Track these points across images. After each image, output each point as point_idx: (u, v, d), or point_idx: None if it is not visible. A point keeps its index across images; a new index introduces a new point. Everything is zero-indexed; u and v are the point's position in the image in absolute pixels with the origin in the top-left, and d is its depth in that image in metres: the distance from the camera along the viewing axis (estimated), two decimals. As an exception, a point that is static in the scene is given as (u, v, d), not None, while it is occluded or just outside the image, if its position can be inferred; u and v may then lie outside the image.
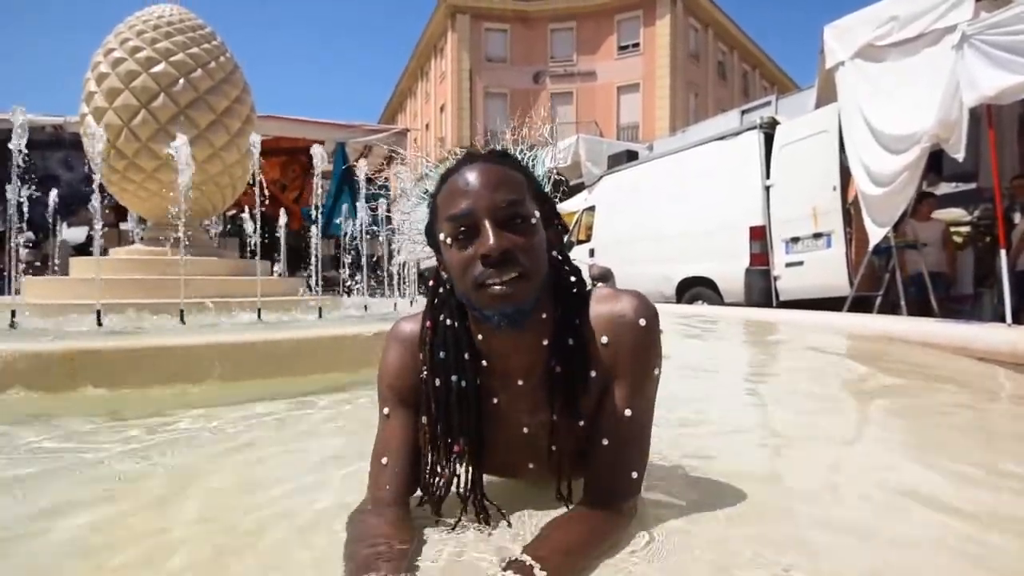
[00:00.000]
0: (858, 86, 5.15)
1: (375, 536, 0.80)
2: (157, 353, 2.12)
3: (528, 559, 0.73)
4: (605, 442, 0.88)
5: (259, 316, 3.70)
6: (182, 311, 3.44)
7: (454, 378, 0.89)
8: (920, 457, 1.46)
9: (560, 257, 0.94)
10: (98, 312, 3.23)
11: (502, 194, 0.84)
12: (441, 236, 0.87)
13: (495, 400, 0.93)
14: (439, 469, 0.91)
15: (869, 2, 5.13)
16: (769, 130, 6.44)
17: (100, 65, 4.09)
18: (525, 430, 0.93)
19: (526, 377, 0.92)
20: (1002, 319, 4.12)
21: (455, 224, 0.84)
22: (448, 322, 0.91)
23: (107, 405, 1.88)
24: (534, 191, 0.90)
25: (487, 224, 0.82)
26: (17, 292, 3.89)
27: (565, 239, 0.98)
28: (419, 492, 0.93)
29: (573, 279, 0.93)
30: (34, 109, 4.53)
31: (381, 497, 0.89)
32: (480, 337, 0.91)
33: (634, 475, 0.89)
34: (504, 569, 0.73)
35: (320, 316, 4.05)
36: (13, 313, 3.24)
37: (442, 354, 0.90)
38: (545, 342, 0.90)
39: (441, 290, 0.93)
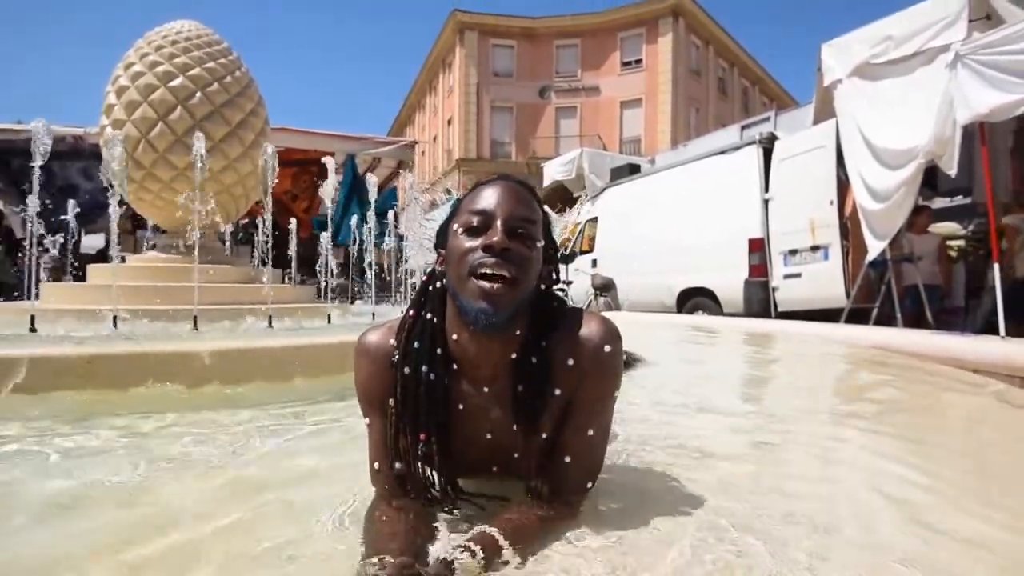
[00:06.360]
0: (856, 103, 5.24)
1: (386, 523, 0.88)
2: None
3: (493, 530, 0.81)
4: (567, 459, 0.94)
5: (270, 323, 3.81)
6: (195, 317, 3.55)
7: (424, 369, 0.93)
8: (914, 469, 1.40)
9: (546, 291, 0.99)
10: (114, 317, 3.34)
11: (521, 210, 0.92)
12: (454, 226, 0.93)
13: (461, 406, 0.96)
14: (402, 456, 0.93)
15: (865, 21, 5.27)
16: (768, 145, 6.53)
17: (120, 78, 4.23)
18: (489, 436, 0.97)
19: (491, 385, 0.96)
20: (992, 331, 4.18)
21: (471, 216, 0.91)
22: (428, 316, 0.96)
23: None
24: (546, 230, 0.98)
25: (499, 224, 0.90)
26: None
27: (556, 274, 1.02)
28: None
29: (555, 305, 0.98)
30: (56, 119, 4.65)
31: (386, 493, 0.96)
32: (455, 338, 0.94)
33: (588, 485, 0.97)
34: (468, 540, 0.79)
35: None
36: (32, 319, 3.35)
37: (416, 344, 0.94)
38: (513, 356, 0.94)
39: (430, 288, 0.98)
